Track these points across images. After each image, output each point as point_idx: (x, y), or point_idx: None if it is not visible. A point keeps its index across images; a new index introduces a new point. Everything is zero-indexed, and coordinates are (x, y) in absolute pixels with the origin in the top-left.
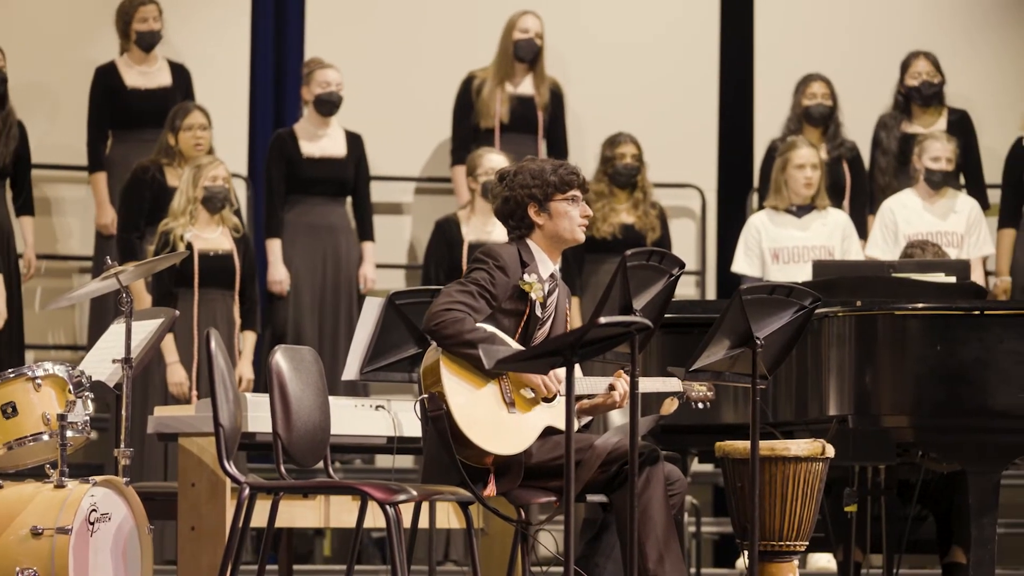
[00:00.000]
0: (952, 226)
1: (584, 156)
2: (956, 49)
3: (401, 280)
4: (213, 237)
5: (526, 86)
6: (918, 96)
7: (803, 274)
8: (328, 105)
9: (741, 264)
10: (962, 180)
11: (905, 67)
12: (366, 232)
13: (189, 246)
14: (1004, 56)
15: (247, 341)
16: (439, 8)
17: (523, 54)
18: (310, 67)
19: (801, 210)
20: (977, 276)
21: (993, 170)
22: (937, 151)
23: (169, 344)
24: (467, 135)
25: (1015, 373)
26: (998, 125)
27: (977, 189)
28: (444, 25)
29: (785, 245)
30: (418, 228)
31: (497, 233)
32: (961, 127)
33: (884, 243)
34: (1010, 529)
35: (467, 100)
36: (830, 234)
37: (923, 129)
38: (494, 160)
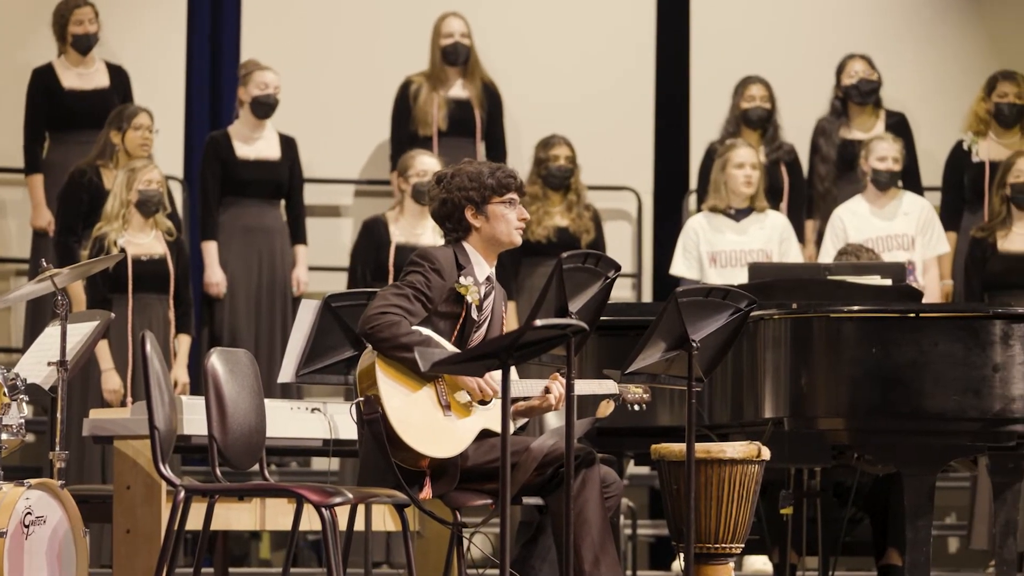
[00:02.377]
0: (902, 228)
1: (520, 158)
2: (892, 53)
3: (341, 282)
4: (146, 241)
5: (460, 89)
6: (856, 94)
7: (741, 277)
8: (265, 107)
9: (679, 267)
10: (899, 183)
11: (841, 69)
12: (299, 235)
13: (123, 251)
14: (940, 59)
15: (182, 344)
16: (375, 10)
17: (452, 58)
18: (247, 68)
19: (740, 213)
20: (933, 276)
21: (929, 173)
22: (883, 151)
23: (104, 351)
24: (405, 141)
25: (950, 376)
26: (935, 128)
27: (915, 192)
28: (381, 27)
29: (723, 248)
30: (358, 231)
31: (427, 236)
32: (899, 130)
33: (835, 251)
34: (945, 531)
35: (404, 106)
36: (768, 237)
37: (863, 134)
38: (425, 162)
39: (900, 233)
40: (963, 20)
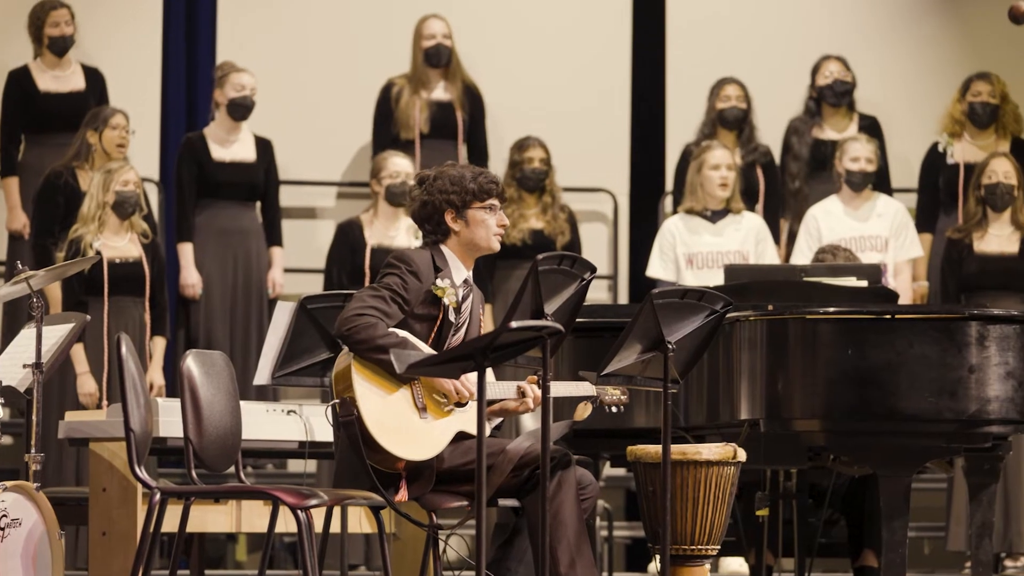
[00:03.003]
0: (875, 229)
1: (499, 160)
2: (867, 54)
3: (317, 284)
4: (122, 244)
5: (443, 90)
6: (830, 94)
7: (717, 279)
8: (241, 109)
9: (656, 269)
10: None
11: (816, 70)
12: (274, 237)
13: (98, 254)
14: (914, 61)
15: (157, 347)
16: (351, 12)
17: (434, 60)
18: (224, 70)
19: (716, 215)
20: (905, 279)
21: (902, 175)
22: (857, 151)
23: (79, 354)
24: (387, 143)
25: (926, 377)
26: (909, 131)
27: (885, 195)
28: (356, 29)
29: (700, 250)
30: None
31: (400, 237)
32: (871, 133)
33: (809, 251)
34: (921, 533)
35: (386, 108)
36: (744, 239)
37: (835, 134)
38: (398, 163)
39: (874, 235)
40: (938, 22)
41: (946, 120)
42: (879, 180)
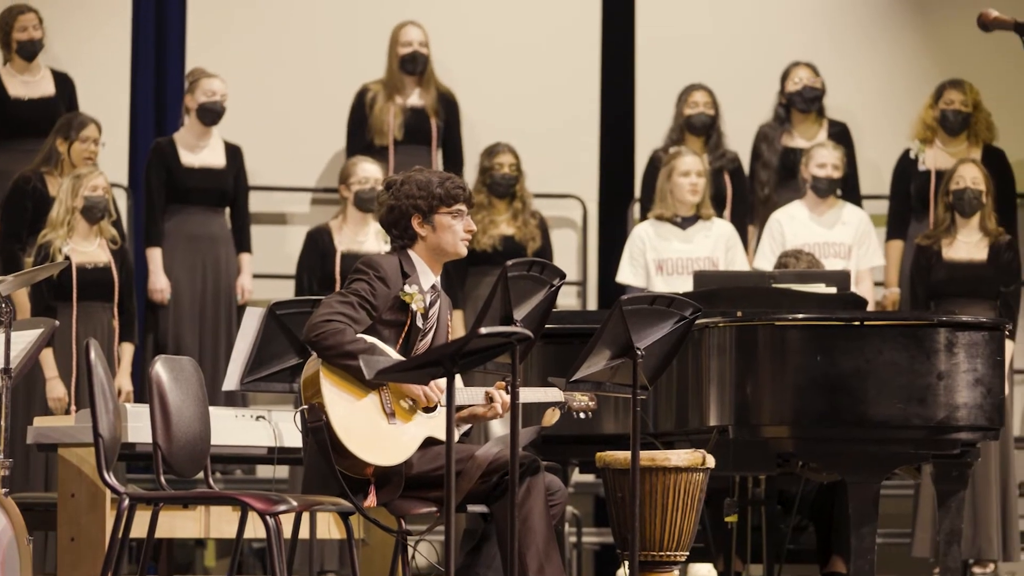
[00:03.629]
0: (840, 237)
1: (469, 166)
2: (837, 61)
3: (286, 290)
4: (91, 250)
5: (418, 97)
6: (800, 100)
7: (687, 285)
8: (212, 114)
9: (626, 275)
10: (838, 192)
11: (785, 76)
12: (243, 243)
13: (67, 259)
14: (885, 68)
15: (125, 352)
16: (321, 19)
17: (409, 67)
18: (194, 76)
19: (686, 221)
20: (866, 287)
21: (872, 182)
22: (824, 158)
23: (48, 359)
24: (361, 150)
25: (895, 384)
26: (879, 137)
27: (853, 202)
28: (327, 36)
29: (669, 256)
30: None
31: (369, 244)
32: (841, 140)
33: (772, 255)
34: (889, 539)
35: (360, 114)
36: (714, 245)
37: (804, 141)
38: (367, 169)
39: (838, 242)
40: (908, 29)
41: (918, 126)
42: (847, 187)
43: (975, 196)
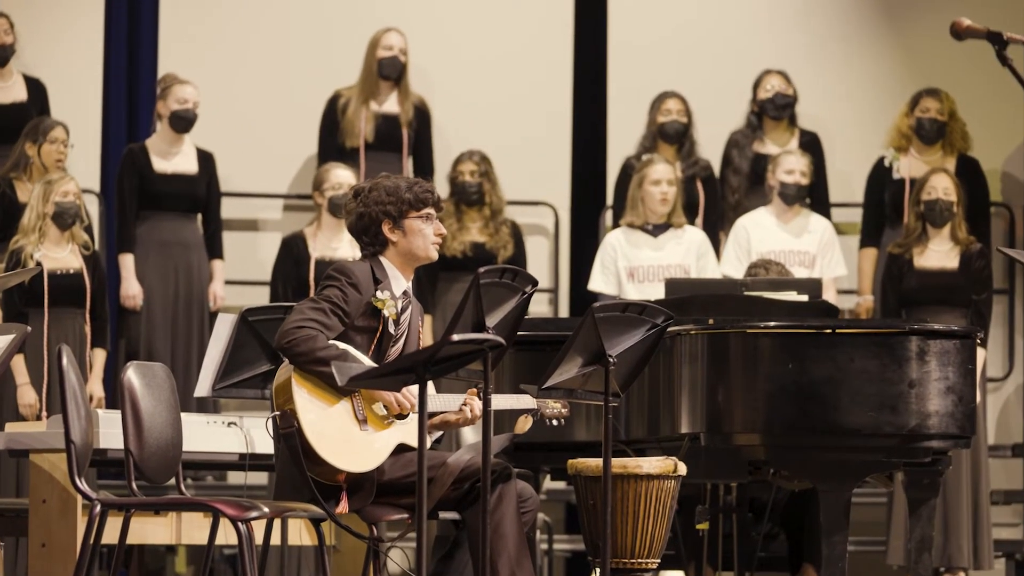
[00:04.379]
0: (805, 245)
1: (443, 174)
2: (809, 70)
3: (259, 297)
4: (63, 255)
5: (391, 104)
6: (771, 108)
7: (659, 293)
8: (183, 122)
9: (598, 282)
10: (807, 201)
11: (757, 84)
12: (215, 250)
13: (39, 265)
14: (857, 76)
15: (97, 358)
16: (294, 25)
17: (387, 72)
18: (167, 82)
19: (657, 228)
20: (829, 297)
21: (843, 190)
22: (791, 164)
23: (19, 365)
24: (333, 154)
25: (866, 392)
26: (850, 145)
27: (822, 212)
28: (300, 42)
29: (641, 264)
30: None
31: (343, 250)
32: (811, 149)
33: (738, 261)
34: (864, 547)
35: (332, 119)
36: (686, 253)
37: (776, 148)
38: (340, 175)
39: (803, 250)
40: (880, 37)
41: (893, 134)
42: (815, 195)
43: (947, 207)
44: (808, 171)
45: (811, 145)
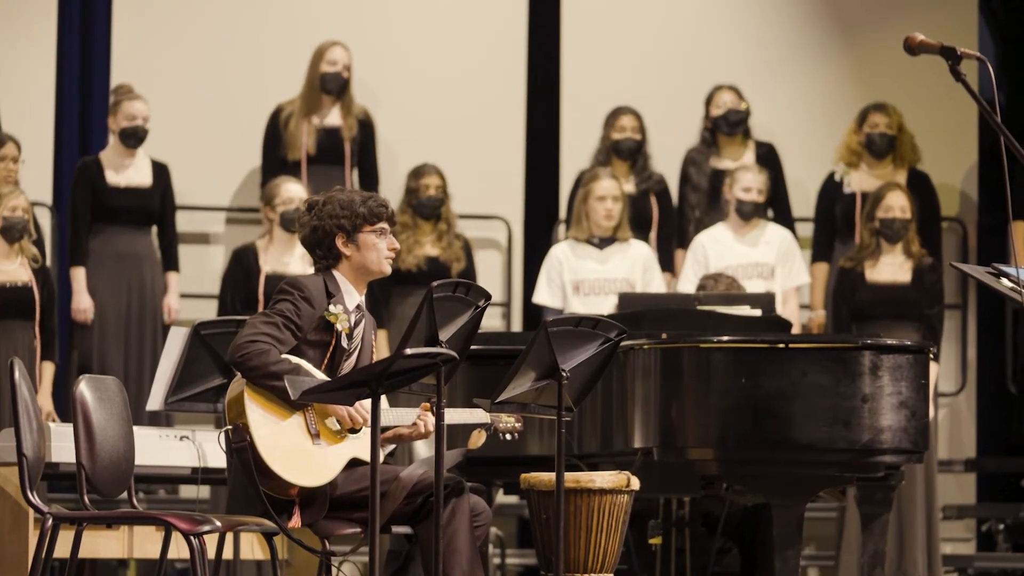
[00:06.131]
0: (763, 256)
1: (394, 188)
2: (763, 83)
3: (211, 310)
4: (12, 269)
5: (333, 117)
6: (724, 124)
7: (604, 306)
8: (133, 139)
9: (543, 295)
10: (770, 213)
11: (709, 100)
12: (171, 262)
13: None
14: (810, 90)
15: (46, 372)
16: (249, 35)
17: (330, 87)
18: (118, 96)
19: (603, 242)
20: (792, 307)
21: (798, 204)
22: (748, 182)
23: None
24: (275, 167)
25: (819, 406)
26: (805, 158)
27: (785, 222)
28: (253, 53)
29: (586, 277)
30: (228, 259)
31: (294, 265)
32: (768, 160)
33: (695, 277)
34: (813, 561)
35: (275, 132)
36: (631, 267)
37: (732, 163)
38: (291, 189)
39: (761, 261)
40: (833, 51)
41: (843, 151)
42: (778, 207)
43: (903, 225)
44: (765, 188)
45: (767, 157)
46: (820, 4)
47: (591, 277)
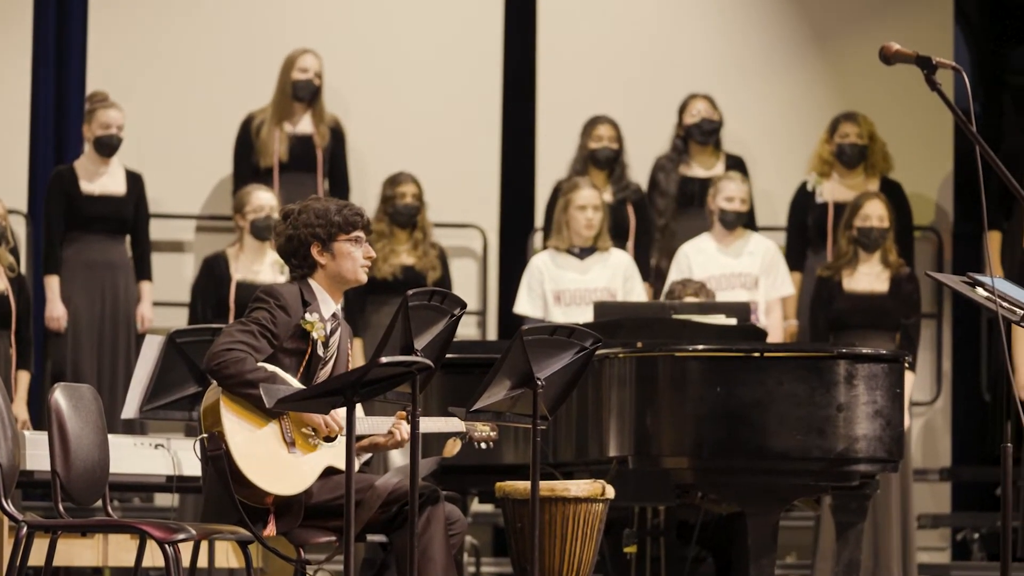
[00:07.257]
0: (746, 267)
1: (365, 195)
2: (736, 93)
3: (183, 318)
4: None
5: (305, 125)
6: (698, 133)
7: (585, 316)
8: (107, 148)
9: (524, 305)
10: (756, 225)
11: (683, 108)
12: (144, 271)
13: None
14: (783, 100)
15: (21, 380)
16: (222, 43)
17: (301, 94)
18: (92, 104)
19: (584, 252)
20: (776, 318)
21: (767, 214)
22: (731, 191)
23: None
24: (247, 175)
25: (794, 415)
26: (777, 168)
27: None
28: (226, 61)
29: (567, 287)
30: (199, 267)
31: (264, 273)
32: (737, 171)
33: None
34: (787, 570)
35: (247, 140)
36: (612, 276)
37: (703, 171)
38: (262, 198)
39: (744, 272)
40: (806, 62)
41: (815, 161)
42: (748, 219)
43: (881, 234)
44: (747, 197)
45: (737, 168)
46: (794, 13)
47: (572, 287)
